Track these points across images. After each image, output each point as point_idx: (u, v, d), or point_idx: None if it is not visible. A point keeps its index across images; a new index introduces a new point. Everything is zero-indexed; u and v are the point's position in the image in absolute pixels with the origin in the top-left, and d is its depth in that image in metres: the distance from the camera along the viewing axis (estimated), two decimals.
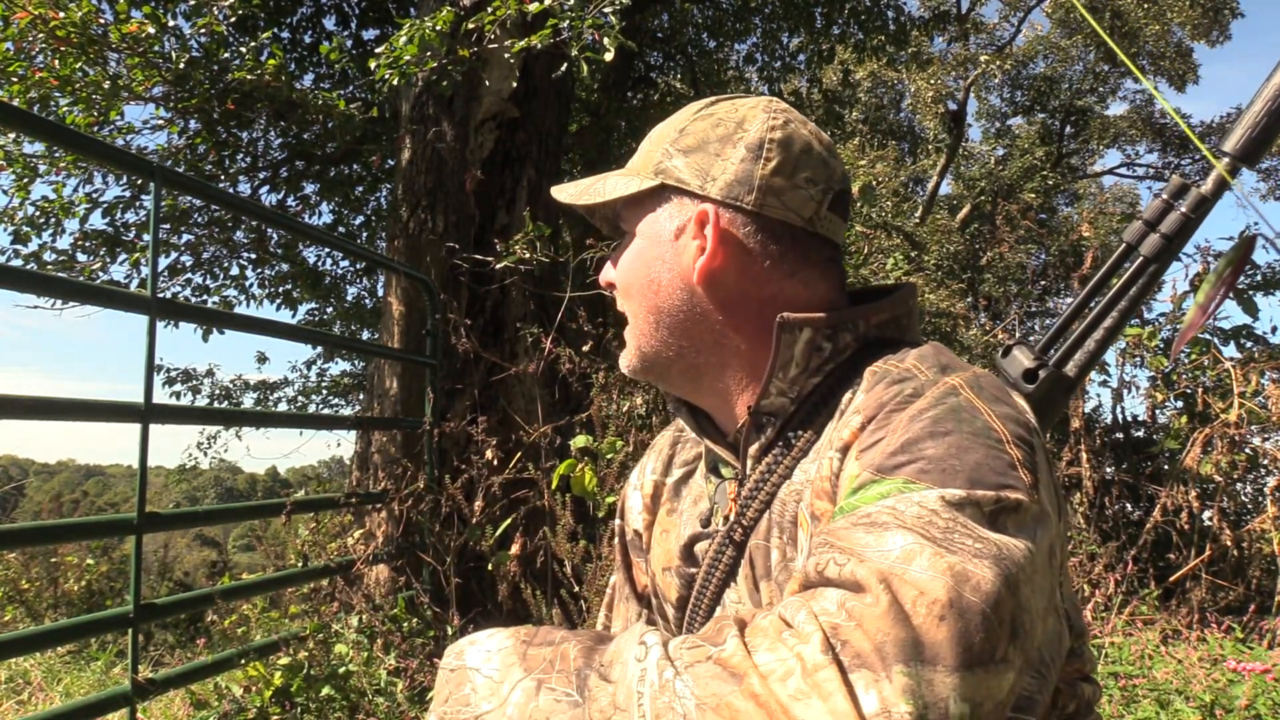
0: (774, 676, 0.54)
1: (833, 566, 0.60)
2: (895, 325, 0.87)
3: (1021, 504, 0.64)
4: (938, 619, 0.55)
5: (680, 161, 0.88)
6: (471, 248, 4.41)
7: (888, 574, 0.57)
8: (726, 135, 0.87)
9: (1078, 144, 17.06)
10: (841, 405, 0.81)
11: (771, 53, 7.50)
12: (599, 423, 2.83)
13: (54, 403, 2.05)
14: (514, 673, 0.64)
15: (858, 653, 0.54)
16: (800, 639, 0.56)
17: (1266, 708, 2.26)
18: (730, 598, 0.88)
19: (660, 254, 0.89)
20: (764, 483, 0.85)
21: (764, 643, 0.57)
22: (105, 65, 4.53)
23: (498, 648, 0.67)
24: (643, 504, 1.04)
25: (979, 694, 0.54)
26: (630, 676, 0.59)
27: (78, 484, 40.78)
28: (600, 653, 0.64)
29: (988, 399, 0.73)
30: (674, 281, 0.88)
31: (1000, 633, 0.56)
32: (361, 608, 2.64)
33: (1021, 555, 0.60)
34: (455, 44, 3.77)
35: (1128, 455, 4.02)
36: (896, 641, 0.54)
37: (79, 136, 2.34)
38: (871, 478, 0.67)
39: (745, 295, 0.86)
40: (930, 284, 8.59)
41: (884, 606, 0.55)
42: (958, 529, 0.60)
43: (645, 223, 0.91)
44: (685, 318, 0.88)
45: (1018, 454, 0.68)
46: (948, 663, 0.54)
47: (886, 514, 0.62)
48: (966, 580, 0.56)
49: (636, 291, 0.91)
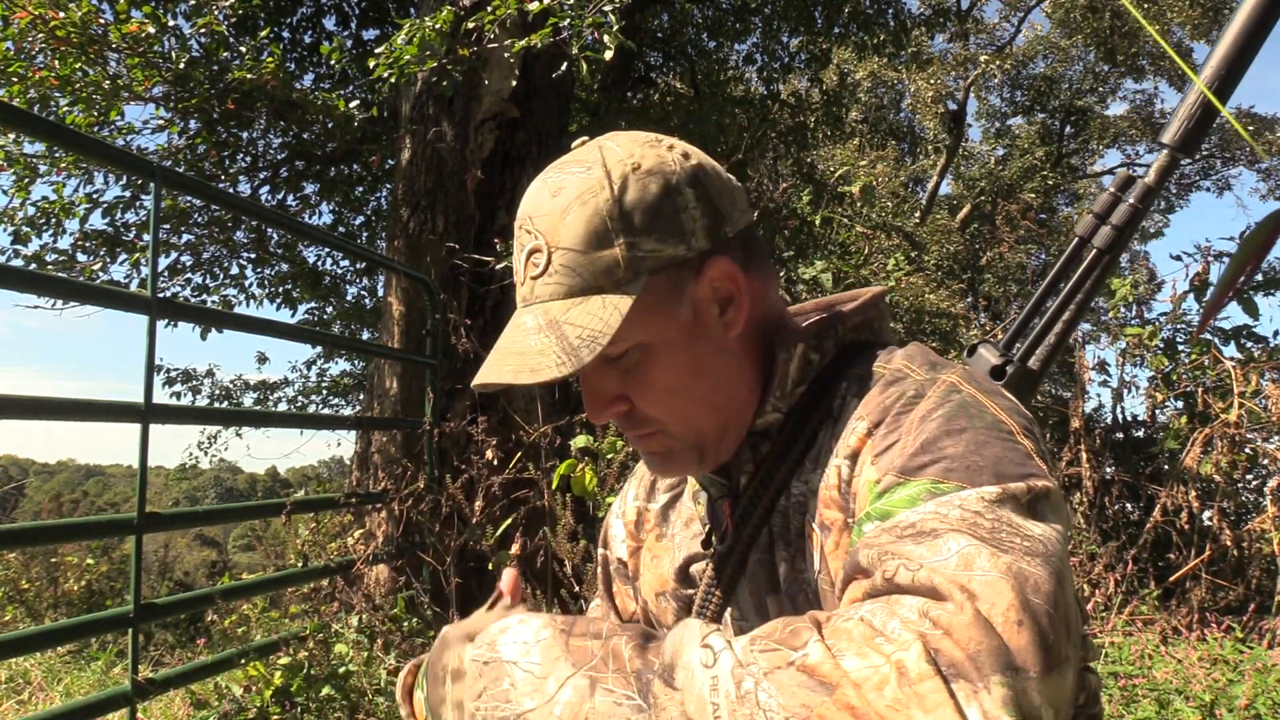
0: (868, 685, 0.51)
1: (904, 572, 0.58)
2: (869, 328, 0.87)
3: (1050, 490, 0.64)
4: (1016, 624, 0.54)
5: (650, 242, 0.76)
6: (471, 248, 4.41)
7: (960, 581, 0.56)
8: (668, 189, 0.78)
9: (1078, 144, 17.06)
10: (834, 411, 0.80)
11: (771, 53, 7.50)
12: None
13: (54, 403, 2.05)
14: (560, 667, 0.59)
15: (952, 662, 0.52)
16: (898, 646, 0.53)
17: (1266, 708, 2.26)
18: (732, 616, 0.87)
19: (690, 337, 0.79)
20: (759, 497, 0.83)
21: (851, 647, 0.54)
22: (105, 65, 4.53)
23: (535, 638, 0.62)
24: (626, 531, 1.02)
25: (1058, 697, 0.54)
26: (700, 684, 0.55)
27: (78, 484, 40.79)
28: (654, 651, 0.60)
29: (987, 393, 0.73)
30: (714, 355, 0.81)
31: (1062, 631, 0.55)
32: (361, 608, 2.64)
33: (1059, 544, 0.60)
34: (455, 44, 3.77)
35: (1128, 455, 4.02)
36: (990, 651, 0.52)
37: (79, 136, 2.33)
38: (896, 480, 0.67)
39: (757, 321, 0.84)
40: (930, 284, 8.58)
41: (970, 615, 0.53)
42: (1003, 527, 0.60)
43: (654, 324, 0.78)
44: (728, 382, 0.82)
45: (1029, 444, 0.68)
46: (1035, 670, 0.53)
47: (932, 519, 0.61)
48: (1026, 580, 0.56)
49: (680, 395, 0.80)
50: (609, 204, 0.76)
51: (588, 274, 0.76)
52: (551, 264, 0.77)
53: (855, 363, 0.82)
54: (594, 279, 0.76)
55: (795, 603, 0.80)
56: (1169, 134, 0.92)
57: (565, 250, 0.76)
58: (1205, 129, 0.91)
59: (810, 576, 0.79)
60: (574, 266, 0.76)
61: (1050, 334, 0.97)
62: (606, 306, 0.75)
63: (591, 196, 0.76)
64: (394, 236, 4.53)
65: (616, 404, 0.80)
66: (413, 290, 4.23)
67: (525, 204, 0.82)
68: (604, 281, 0.76)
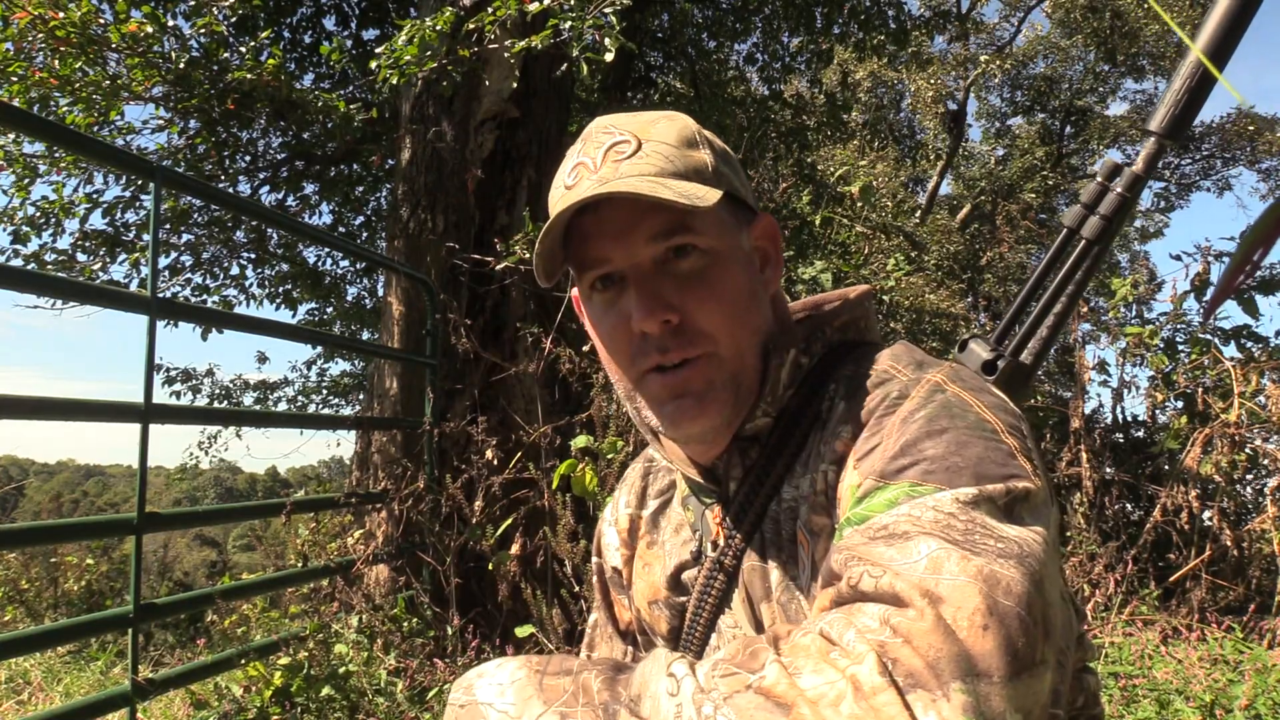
0: (824, 702, 0.51)
1: (867, 579, 0.58)
2: (855, 327, 0.87)
3: (1030, 491, 0.63)
4: (981, 629, 0.53)
5: (727, 170, 0.80)
6: (471, 248, 4.41)
7: (926, 586, 0.55)
8: (724, 146, 0.83)
9: (1078, 144, 17.05)
10: (823, 414, 0.80)
11: (772, 53, 7.50)
12: (599, 423, 2.83)
13: (54, 403, 2.05)
14: (533, 706, 0.60)
15: (910, 671, 0.52)
16: (852, 659, 0.53)
17: (1266, 708, 2.25)
18: (725, 623, 0.86)
19: (748, 266, 0.81)
20: (750, 503, 0.82)
21: (808, 664, 0.54)
22: (105, 65, 4.53)
23: (510, 680, 0.63)
24: (619, 539, 1.01)
25: (1028, 701, 0.53)
26: (665, 712, 0.56)
27: (78, 484, 40.80)
28: (623, 683, 0.61)
29: (973, 391, 0.72)
30: (760, 293, 0.81)
31: (1036, 634, 0.55)
32: (361, 608, 2.64)
33: (1040, 547, 0.59)
34: (455, 44, 3.77)
35: (1128, 455, 4.02)
36: (950, 658, 0.52)
37: (79, 136, 2.33)
38: (876, 484, 0.66)
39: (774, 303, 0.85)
40: (930, 284, 8.59)
41: (930, 621, 0.53)
42: (977, 529, 0.59)
43: (725, 236, 0.79)
44: (764, 331, 0.82)
45: (1014, 442, 0.67)
46: (1000, 674, 0.52)
47: (905, 522, 0.61)
48: (997, 583, 0.55)
49: (740, 311, 0.79)
50: (690, 126, 0.80)
51: (681, 163, 0.76)
52: (643, 149, 0.77)
53: (843, 364, 0.82)
54: (687, 168, 0.76)
55: (788, 610, 0.80)
56: (1156, 120, 0.92)
57: (659, 142, 0.77)
58: (1192, 115, 0.90)
59: (803, 583, 0.78)
60: (668, 155, 0.76)
61: (1042, 327, 0.96)
62: (702, 187, 0.74)
63: (678, 119, 0.80)
64: (394, 236, 4.53)
65: (670, 311, 0.76)
66: (413, 290, 4.23)
67: (598, 121, 0.82)
68: (694, 174, 0.76)
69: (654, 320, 0.76)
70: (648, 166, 0.75)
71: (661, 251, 0.76)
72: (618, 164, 0.76)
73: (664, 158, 0.76)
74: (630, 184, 0.73)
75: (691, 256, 0.77)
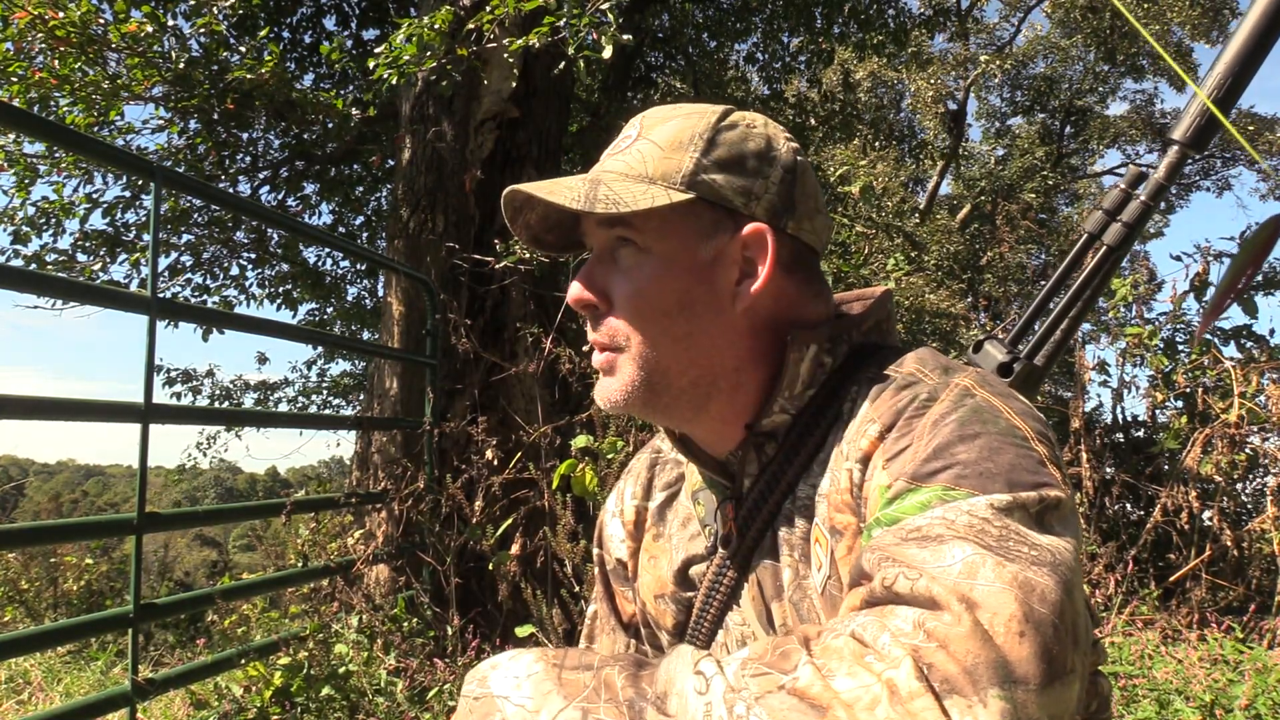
0: (860, 705, 0.51)
1: (903, 581, 0.57)
2: (878, 330, 0.87)
3: (1061, 500, 0.63)
4: (1018, 635, 0.53)
5: (719, 176, 0.79)
6: (471, 248, 4.41)
7: (962, 591, 0.55)
8: (762, 152, 0.81)
9: (1078, 144, 17.07)
10: (844, 414, 0.79)
11: (772, 53, 7.50)
12: (599, 423, 2.83)
13: (54, 403, 2.05)
14: (552, 701, 0.59)
15: (946, 676, 0.51)
16: (888, 663, 0.52)
17: (1266, 708, 2.25)
18: (733, 620, 0.86)
19: (696, 275, 0.80)
20: (764, 500, 0.82)
21: (841, 666, 0.53)
22: (105, 65, 4.53)
23: (527, 673, 0.61)
24: (625, 531, 1.00)
25: (1059, 708, 0.53)
26: (694, 710, 0.55)
27: (78, 484, 40.79)
28: (647, 679, 0.60)
29: (1001, 396, 0.72)
30: (710, 305, 0.80)
31: (1068, 642, 0.55)
32: (361, 608, 2.64)
33: (1070, 556, 0.59)
34: (455, 44, 3.77)
35: (1128, 455, 4.02)
36: (987, 663, 0.51)
37: (79, 136, 2.34)
38: (907, 486, 0.66)
39: (775, 320, 0.83)
40: (930, 284, 8.59)
41: (968, 626, 0.53)
42: (1011, 536, 0.59)
43: (671, 240, 0.80)
44: (711, 344, 0.81)
45: (1043, 450, 0.67)
46: (1036, 681, 0.52)
47: (939, 525, 0.60)
48: (1032, 590, 0.55)
49: (655, 315, 0.80)
50: (706, 127, 0.81)
51: (652, 165, 0.80)
52: (632, 148, 0.82)
53: (865, 366, 0.81)
54: (654, 172, 0.80)
55: (799, 609, 0.79)
56: (1180, 130, 0.91)
57: (649, 141, 0.82)
58: (1216, 126, 0.91)
59: (815, 582, 0.78)
60: (646, 155, 0.81)
61: (1057, 330, 0.96)
62: (646, 193, 0.77)
63: (699, 118, 0.82)
64: (394, 236, 4.53)
65: (596, 295, 0.82)
66: (413, 290, 4.23)
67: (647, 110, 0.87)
68: (659, 177, 0.79)
69: (573, 297, 0.83)
70: (620, 164, 0.82)
71: (611, 239, 0.82)
72: (610, 155, 0.84)
73: (640, 157, 0.81)
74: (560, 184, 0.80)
75: (627, 251, 0.81)
